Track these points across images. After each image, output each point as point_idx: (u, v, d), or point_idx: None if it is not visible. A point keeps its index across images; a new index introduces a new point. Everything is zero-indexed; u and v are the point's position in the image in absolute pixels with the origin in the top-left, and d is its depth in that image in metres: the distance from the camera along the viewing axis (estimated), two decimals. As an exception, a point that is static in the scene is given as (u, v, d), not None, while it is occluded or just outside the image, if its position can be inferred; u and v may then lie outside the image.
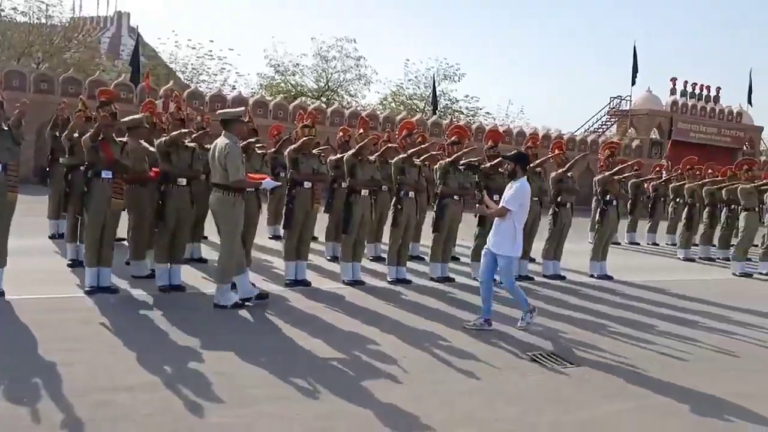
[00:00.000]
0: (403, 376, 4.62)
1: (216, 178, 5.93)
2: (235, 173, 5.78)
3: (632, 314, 7.14)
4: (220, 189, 5.90)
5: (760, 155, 34.52)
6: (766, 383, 5.13)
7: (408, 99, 37.50)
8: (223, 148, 5.80)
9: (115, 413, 3.68)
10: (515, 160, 6.12)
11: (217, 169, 5.88)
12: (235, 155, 5.81)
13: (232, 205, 5.94)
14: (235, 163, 5.77)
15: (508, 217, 5.96)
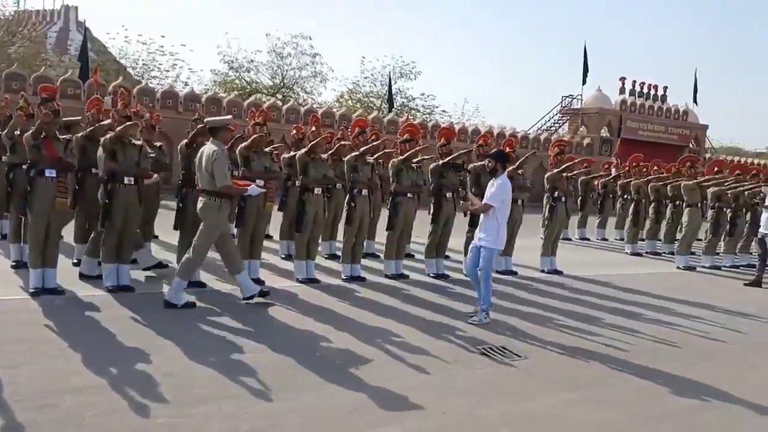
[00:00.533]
0: (355, 372, 4.65)
1: (203, 184, 6.02)
2: (222, 179, 5.87)
3: (580, 308, 7.33)
4: (207, 194, 6.01)
5: (705, 153, 35.71)
6: (704, 372, 5.33)
7: (364, 97, 37.52)
8: (211, 155, 5.88)
9: (60, 416, 3.62)
10: (496, 158, 6.42)
11: (204, 176, 5.97)
12: (223, 162, 5.90)
13: (218, 209, 6.04)
14: (222, 169, 5.86)
15: (491, 213, 6.28)
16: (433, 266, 8.48)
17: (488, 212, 6.32)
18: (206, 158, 5.93)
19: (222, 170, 5.86)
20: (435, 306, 6.87)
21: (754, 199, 11.85)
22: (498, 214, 6.29)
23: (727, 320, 7.27)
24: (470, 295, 7.49)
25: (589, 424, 4.11)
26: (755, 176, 12.66)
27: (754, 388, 5.01)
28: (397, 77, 35.97)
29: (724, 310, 7.80)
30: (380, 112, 31.94)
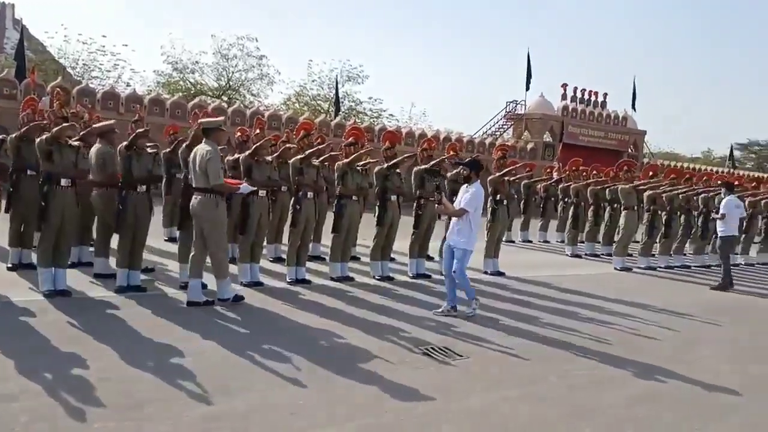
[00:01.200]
0: (297, 374, 4.66)
1: (197, 183, 6.22)
2: (215, 178, 6.10)
3: (520, 308, 7.51)
4: (202, 192, 6.21)
5: (643, 157, 36.99)
6: (637, 368, 5.54)
7: (312, 100, 37.42)
8: (205, 155, 6.10)
9: (-11, 424, 3.51)
10: (470, 167, 6.89)
11: (198, 174, 6.18)
12: (216, 161, 6.13)
13: (215, 206, 6.27)
14: (215, 168, 6.09)
15: (465, 218, 6.74)
16: (378, 269, 8.54)
17: (462, 216, 6.72)
18: (200, 158, 6.13)
19: (216, 169, 6.09)
20: (379, 308, 6.93)
21: (688, 203, 12.39)
22: (472, 219, 6.76)
23: (661, 319, 7.56)
24: (414, 297, 7.62)
25: (525, 419, 4.23)
26: (689, 180, 13.20)
27: (684, 383, 5.25)
28: (345, 81, 36.02)
29: (659, 309, 8.12)
30: (327, 115, 31.93)
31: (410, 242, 8.90)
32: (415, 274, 8.85)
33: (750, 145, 68.09)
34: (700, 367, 5.76)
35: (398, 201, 8.52)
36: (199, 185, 6.22)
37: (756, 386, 5.33)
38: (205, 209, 6.23)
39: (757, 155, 68.54)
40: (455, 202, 7.04)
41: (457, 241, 6.78)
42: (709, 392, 5.06)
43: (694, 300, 9.04)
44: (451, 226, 6.95)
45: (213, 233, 6.31)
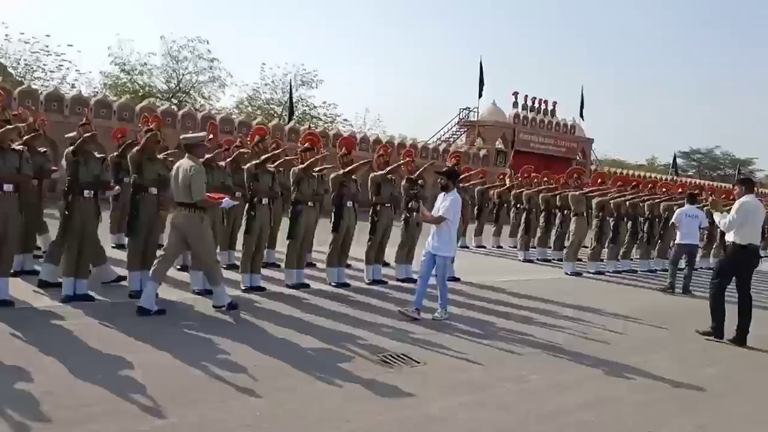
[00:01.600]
0: (253, 384, 4.57)
1: (179, 197, 6.28)
2: (199, 193, 6.20)
3: (475, 313, 7.58)
4: (186, 207, 6.29)
5: (591, 165, 37.92)
6: (587, 372, 5.66)
7: (265, 104, 37.10)
8: (188, 170, 6.20)
9: (-75, 444, 3.32)
10: (448, 176, 7.24)
11: (180, 189, 6.25)
12: (200, 177, 6.24)
13: (200, 220, 6.38)
14: (199, 184, 6.20)
15: (445, 225, 7.01)
16: (334, 275, 8.49)
17: (441, 224, 6.99)
18: (183, 173, 6.22)
19: (199, 184, 6.20)
20: (336, 315, 6.88)
21: (635, 209, 12.75)
22: (450, 226, 7.05)
23: (610, 322, 7.75)
24: (371, 304, 7.60)
25: (481, 425, 4.25)
26: (635, 187, 13.59)
27: (635, 386, 5.37)
28: (299, 85, 35.87)
29: (608, 313, 8.31)
30: (281, 119, 31.68)
31: (366, 248, 8.88)
32: (371, 280, 8.84)
33: (692, 153, 70.71)
34: (649, 369, 5.90)
35: (354, 207, 8.49)
36: (182, 200, 6.27)
37: (703, 388, 5.49)
38: (190, 223, 6.32)
39: (698, 163, 71.20)
40: (432, 209, 7.28)
41: (438, 248, 7.04)
42: (659, 394, 5.19)
43: (642, 304, 9.28)
44: (431, 234, 7.14)
45: (201, 246, 6.43)
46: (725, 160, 70.14)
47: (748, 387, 5.67)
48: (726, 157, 70.22)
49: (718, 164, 71.11)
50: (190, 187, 6.19)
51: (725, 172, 67.21)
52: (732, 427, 4.60)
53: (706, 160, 71.42)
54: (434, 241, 7.07)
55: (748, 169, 68.30)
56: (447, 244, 7.07)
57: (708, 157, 71.34)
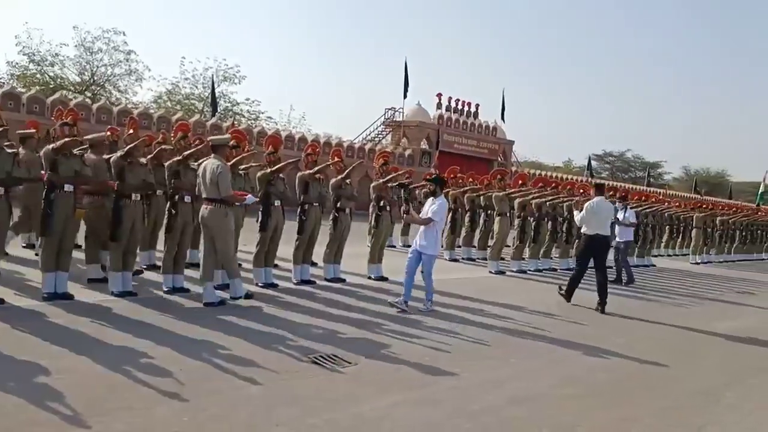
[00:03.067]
0: (178, 388, 4.41)
1: (207, 194, 6.86)
2: (226, 190, 6.80)
3: (405, 313, 7.60)
4: (212, 203, 6.85)
5: (512, 166, 38.99)
6: (514, 368, 5.80)
7: (185, 98, 36.07)
8: (215, 169, 6.79)
9: None
10: (435, 182, 8.11)
11: (207, 186, 6.82)
12: (226, 175, 6.86)
13: (225, 215, 6.95)
14: (226, 181, 6.79)
15: (432, 226, 7.74)
16: (261, 275, 8.33)
17: (429, 225, 7.71)
18: (210, 171, 6.80)
19: (226, 182, 6.79)
20: (264, 316, 6.75)
21: (555, 209, 13.17)
22: (437, 227, 7.84)
23: (534, 320, 7.96)
24: (299, 304, 7.50)
25: (414, 424, 4.27)
26: (555, 188, 14.05)
27: (558, 381, 5.54)
28: (221, 80, 35.07)
29: (531, 310, 8.54)
30: (203, 115, 30.88)
31: (294, 248, 8.76)
32: (299, 280, 8.72)
33: (605, 156, 74.03)
34: (571, 365, 6.11)
35: (282, 206, 8.36)
36: (209, 196, 6.83)
37: (624, 382, 5.73)
38: (215, 218, 6.88)
39: (611, 165, 74.60)
40: (421, 212, 8.06)
41: (425, 247, 7.77)
42: (583, 389, 5.37)
43: (562, 301, 9.59)
44: (419, 234, 7.91)
45: (222, 238, 6.95)
46: (636, 162, 73.84)
47: (666, 379, 5.96)
48: (637, 160, 73.95)
49: (629, 167, 74.77)
50: (218, 184, 6.71)
51: (636, 174, 70.75)
52: (653, 419, 4.81)
53: (619, 162, 74.95)
54: (421, 241, 7.79)
55: (656, 171, 72.22)
56: (433, 244, 7.82)
57: (620, 160, 74.88)
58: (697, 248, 19.10)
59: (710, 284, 13.95)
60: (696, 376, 6.10)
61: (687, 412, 5.04)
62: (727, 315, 10.05)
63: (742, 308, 10.97)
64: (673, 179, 76.66)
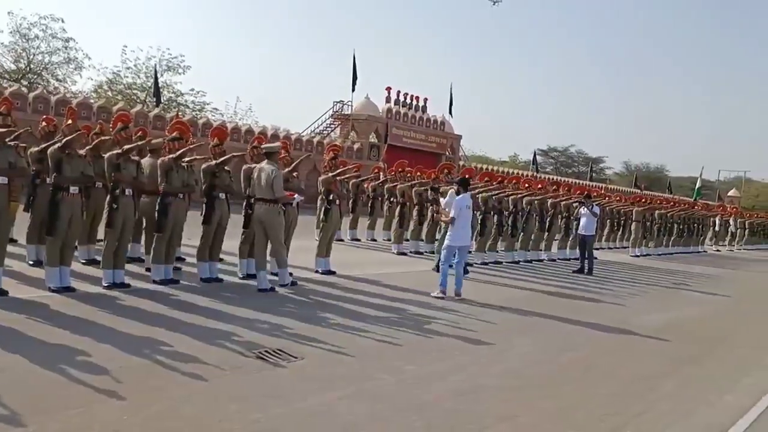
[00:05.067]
0: (118, 386, 4.30)
1: (262, 194, 7.82)
2: (280, 192, 7.80)
3: (352, 306, 7.62)
4: (267, 202, 7.81)
5: (460, 160, 39.43)
6: (459, 360, 5.88)
7: (127, 88, 35.07)
8: (271, 173, 7.75)
9: None
10: (459, 183, 9.27)
11: (263, 188, 7.78)
12: (280, 179, 7.82)
13: (278, 213, 7.98)
14: (280, 184, 7.77)
15: (458, 222, 8.90)
16: (206, 270, 8.18)
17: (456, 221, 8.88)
18: (266, 175, 7.74)
19: (280, 185, 7.76)
20: (208, 311, 6.64)
21: (500, 204, 13.37)
22: (465, 222, 9.06)
23: (479, 312, 8.08)
24: (245, 299, 7.41)
25: (359, 417, 4.27)
26: (500, 183, 14.27)
27: (502, 372, 5.64)
28: (164, 70, 34.22)
29: (477, 303, 8.67)
30: (145, 106, 30.11)
31: (240, 242, 8.64)
32: (245, 274, 8.60)
33: (549, 151, 75.69)
34: (515, 357, 6.24)
35: (227, 199, 8.23)
36: (264, 196, 7.80)
37: (565, 373, 5.88)
38: (270, 215, 7.85)
39: (555, 160, 76.33)
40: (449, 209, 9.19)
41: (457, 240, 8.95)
42: (525, 380, 5.49)
43: (507, 294, 9.78)
44: (449, 230, 9.02)
45: (275, 233, 7.92)
46: (579, 158, 75.78)
47: (605, 370, 6.14)
48: (580, 156, 75.88)
49: (572, 162, 76.65)
50: (273, 186, 7.61)
51: (579, 169, 72.60)
52: (592, 408, 4.95)
53: (563, 157, 76.76)
54: (454, 235, 8.93)
55: (599, 166, 74.25)
56: (465, 238, 9.10)
57: (564, 155, 76.68)
58: (637, 241, 19.73)
59: (648, 276, 14.46)
60: (634, 366, 6.31)
61: (625, 400, 5.20)
62: (664, 306, 10.43)
63: (678, 299, 11.41)
64: (615, 174, 79.03)
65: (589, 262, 13.54)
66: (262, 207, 7.83)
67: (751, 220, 31.76)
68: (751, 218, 32.35)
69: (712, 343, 7.78)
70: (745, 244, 29.90)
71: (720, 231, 29.19)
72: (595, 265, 13.77)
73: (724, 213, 30.80)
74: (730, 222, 29.85)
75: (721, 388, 5.81)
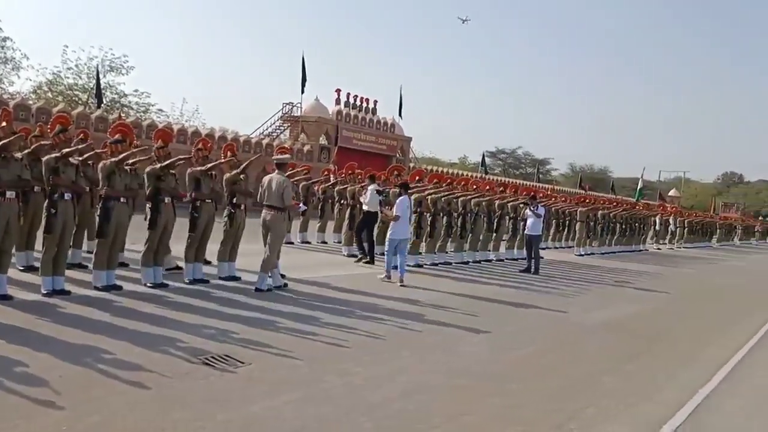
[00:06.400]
0: (56, 397, 4.17)
1: (272, 202, 8.42)
2: (288, 200, 8.47)
3: (300, 309, 7.57)
4: (276, 210, 8.42)
5: (410, 162, 39.67)
6: (406, 361, 5.91)
7: (68, 89, 34.00)
8: (281, 183, 8.42)
9: None
10: (401, 187, 10.89)
11: (273, 196, 8.40)
12: (289, 189, 8.54)
13: (284, 220, 8.66)
14: (288, 194, 8.46)
15: (401, 220, 10.36)
16: (150, 275, 7.99)
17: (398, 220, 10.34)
18: (277, 184, 8.40)
19: (289, 195, 8.46)
20: (152, 318, 6.50)
21: (449, 205, 13.51)
22: (404, 220, 10.50)
23: (428, 313, 8.15)
24: (191, 304, 7.29)
25: (307, 421, 4.25)
26: (450, 184, 14.42)
27: (450, 372, 5.70)
28: (107, 71, 33.32)
29: (426, 304, 8.74)
30: (87, 107, 29.27)
31: (186, 246, 8.48)
32: (191, 279, 8.45)
33: (498, 153, 76.99)
34: (463, 356, 6.31)
35: (173, 203, 8.07)
36: (273, 204, 8.38)
37: (511, 371, 5.98)
38: (278, 222, 8.44)
39: (503, 162, 77.66)
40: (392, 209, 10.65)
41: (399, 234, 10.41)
42: (473, 379, 5.56)
43: (456, 294, 9.89)
44: (391, 227, 10.46)
45: (277, 238, 8.49)
46: (526, 159, 77.33)
47: (550, 367, 6.27)
48: (527, 157, 77.43)
49: (520, 163, 78.15)
50: (282, 195, 8.25)
51: (526, 170, 74.07)
52: (538, 404, 5.05)
53: (510, 159, 78.19)
54: (395, 231, 10.35)
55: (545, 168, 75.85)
56: (404, 231, 10.50)
57: (512, 157, 78.12)
58: (581, 241, 20.24)
59: (592, 275, 14.85)
60: (577, 363, 6.47)
61: (569, 396, 5.33)
62: (607, 304, 10.73)
63: (621, 297, 11.75)
64: (561, 175, 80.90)
65: (536, 262, 13.83)
66: (270, 213, 8.40)
67: (690, 219, 32.98)
68: (690, 217, 33.61)
69: (652, 338, 8.05)
70: (685, 242, 31.01)
71: (660, 230, 30.20)
72: (541, 264, 14.05)
73: (665, 213, 31.91)
74: (670, 221, 30.92)
75: (661, 383, 6.02)
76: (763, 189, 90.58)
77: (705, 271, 19.68)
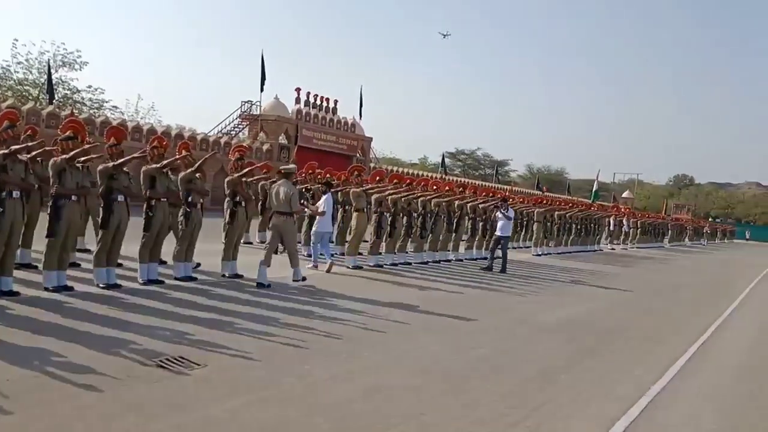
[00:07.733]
0: (4, 402, 4.02)
1: (281, 208, 9.31)
2: (296, 206, 9.48)
3: (259, 310, 7.48)
4: (284, 215, 9.32)
5: (371, 162, 39.65)
6: (366, 361, 5.90)
7: (17, 84, 32.96)
8: (288, 191, 9.31)
9: None
10: (326, 185, 12.02)
11: (282, 202, 9.28)
12: (297, 196, 9.54)
13: (293, 224, 9.66)
14: (296, 200, 9.45)
15: (325, 215, 11.38)
16: (103, 276, 7.79)
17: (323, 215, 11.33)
18: (284, 192, 9.28)
19: (296, 201, 9.46)
20: (105, 319, 6.33)
21: (410, 205, 13.55)
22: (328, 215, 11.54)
23: (388, 312, 8.14)
24: (145, 306, 7.14)
25: (265, 423, 4.20)
26: (410, 184, 14.46)
27: (408, 372, 5.70)
28: (59, 66, 32.42)
29: (386, 303, 8.73)
30: (38, 103, 28.43)
31: (140, 246, 8.29)
32: (146, 280, 8.27)
33: (457, 153, 77.67)
34: (423, 354, 6.32)
35: (126, 202, 7.87)
36: (283, 210, 9.30)
37: (470, 370, 6.01)
38: (287, 225, 9.38)
39: (463, 163, 78.36)
40: (316, 204, 11.65)
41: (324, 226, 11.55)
42: (431, 378, 5.57)
43: (416, 294, 9.92)
44: (317, 221, 11.49)
45: (291, 239, 9.47)
46: (486, 160, 78.20)
47: (508, 365, 6.33)
48: (486, 158, 78.33)
49: (479, 164, 78.99)
50: (290, 202, 9.18)
51: (485, 171, 74.90)
52: (495, 402, 5.09)
53: (470, 160, 78.96)
54: (321, 224, 11.43)
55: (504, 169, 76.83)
56: (328, 225, 11.71)
57: (471, 158, 78.90)
58: (539, 241, 20.55)
59: (549, 274, 15.09)
60: (534, 361, 6.55)
61: (526, 394, 5.39)
62: (564, 302, 10.91)
63: (576, 295, 11.96)
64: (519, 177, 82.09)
65: (503, 261, 14.37)
66: (280, 218, 9.32)
67: (643, 220, 33.84)
68: (643, 218, 34.50)
69: (607, 336, 8.21)
70: (638, 243, 31.80)
71: (615, 230, 30.89)
72: (495, 264, 14.23)
73: (618, 213, 32.66)
74: (624, 222, 31.65)
75: (615, 379, 6.14)
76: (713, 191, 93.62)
77: (657, 270, 20.20)
